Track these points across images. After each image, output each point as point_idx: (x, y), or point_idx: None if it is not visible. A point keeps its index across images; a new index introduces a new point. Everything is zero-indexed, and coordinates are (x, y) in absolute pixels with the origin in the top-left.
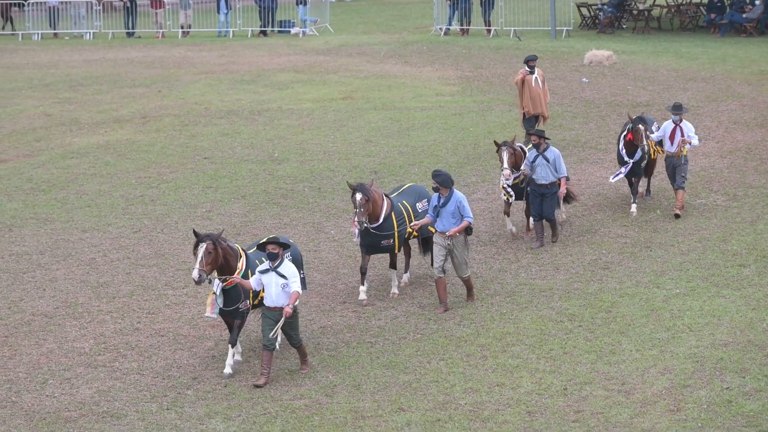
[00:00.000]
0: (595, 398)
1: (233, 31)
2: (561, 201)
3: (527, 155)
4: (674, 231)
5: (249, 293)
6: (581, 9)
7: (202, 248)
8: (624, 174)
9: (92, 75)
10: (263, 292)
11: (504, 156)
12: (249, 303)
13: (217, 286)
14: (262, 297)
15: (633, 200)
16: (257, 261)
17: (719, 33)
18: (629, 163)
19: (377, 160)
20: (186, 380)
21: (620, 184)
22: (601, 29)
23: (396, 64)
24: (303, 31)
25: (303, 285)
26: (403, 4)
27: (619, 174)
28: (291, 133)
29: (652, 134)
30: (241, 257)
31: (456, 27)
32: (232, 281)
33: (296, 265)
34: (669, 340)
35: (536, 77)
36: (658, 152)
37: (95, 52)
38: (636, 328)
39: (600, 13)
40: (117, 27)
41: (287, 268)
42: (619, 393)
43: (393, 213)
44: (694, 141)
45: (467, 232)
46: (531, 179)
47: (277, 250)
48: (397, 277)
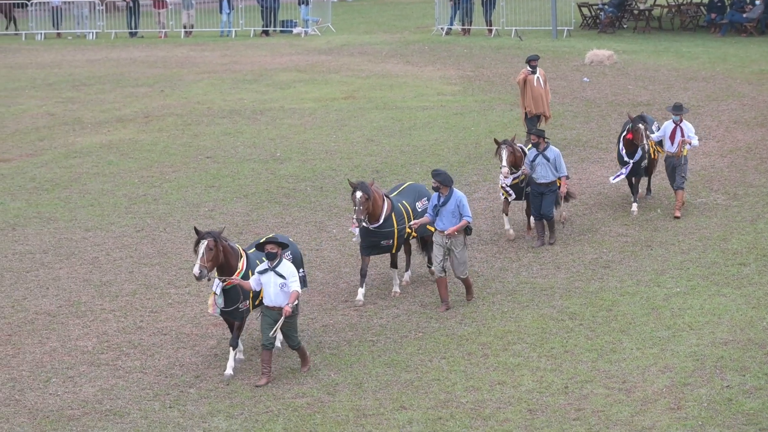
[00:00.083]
0: (596, 396)
1: (235, 31)
2: (562, 200)
3: (527, 154)
4: (675, 230)
5: (249, 294)
6: (582, 9)
7: (203, 244)
8: (625, 175)
9: (95, 75)
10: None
11: (503, 154)
12: (249, 303)
13: (217, 286)
14: (263, 297)
15: (634, 199)
16: (257, 261)
17: (720, 33)
18: (630, 164)
19: (379, 160)
20: (188, 378)
21: (621, 184)
22: (602, 29)
23: (398, 64)
24: (305, 31)
25: (303, 283)
26: (405, 4)
27: (620, 175)
28: (293, 133)
29: (652, 134)
30: (242, 257)
31: (457, 27)
32: (231, 282)
33: (296, 264)
34: (669, 339)
35: (538, 77)
36: (659, 152)
37: (98, 52)
38: (637, 327)
39: (601, 13)
40: (120, 27)
41: (286, 268)
42: (620, 391)
43: (393, 213)
44: (694, 141)
45: (467, 232)
46: (531, 179)
47: (276, 250)
48: (399, 276)
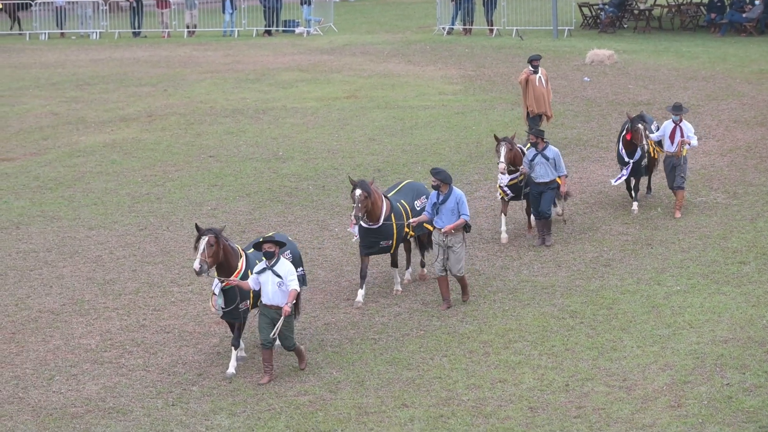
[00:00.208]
0: (597, 394)
1: (238, 31)
2: (562, 199)
3: (526, 154)
4: (675, 228)
5: (249, 293)
6: (583, 9)
7: (204, 240)
8: (626, 177)
9: (99, 74)
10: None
11: (502, 150)
12: (249, 303)
13: (216, 286)
14: (261, 296)
15: (634, 198)
16: (257, 261)
17: (719, 32)
18: (630, 164)
19: (381, 159)
20: (191, 377)
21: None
22: (603, 29)
23: (399, 64)
24: (307, 31)
25: (303, 282)
26: (407, 4)
27: (621, 176)
28: (295, 132)
29: (652, 134)
30: (241, 257)
31: (459, 26)
32: (230, 283)
33: (296, 263)
34: (670, 337)
35: (540, 77)
36: (658, 152)
37: (102, 52)
38: (637, 325)
39: (601, 13)
40: (123, 27)
41: (283, 267)
42: (621, 389)
43: (393, 214)
44: (693, 142)
45: (466, 230)
46: (529, 178)
47: (273, 249)
48: (399, 275)
